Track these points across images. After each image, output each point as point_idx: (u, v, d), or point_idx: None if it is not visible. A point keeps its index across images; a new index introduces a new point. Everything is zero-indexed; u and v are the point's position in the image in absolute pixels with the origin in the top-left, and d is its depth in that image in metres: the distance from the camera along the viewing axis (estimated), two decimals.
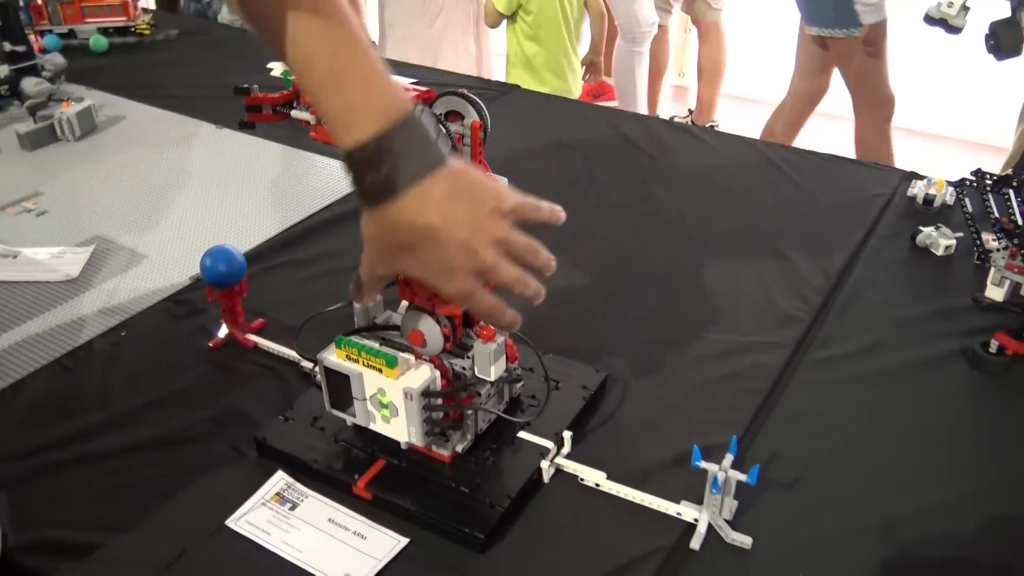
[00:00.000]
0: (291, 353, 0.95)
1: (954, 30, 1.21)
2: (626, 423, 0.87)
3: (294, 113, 0.79)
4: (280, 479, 0.80)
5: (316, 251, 1.19)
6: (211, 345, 0.98)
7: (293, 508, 0.77)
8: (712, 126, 3.42)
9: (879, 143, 2.31)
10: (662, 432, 0.85)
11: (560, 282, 1.08)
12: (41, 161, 1.48)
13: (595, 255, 1.17)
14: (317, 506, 0.77)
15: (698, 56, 3.29)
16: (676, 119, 3.58)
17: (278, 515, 0.76)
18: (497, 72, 2.74)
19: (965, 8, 1.18)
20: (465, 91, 0.71)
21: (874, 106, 2.28)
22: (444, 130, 0.69)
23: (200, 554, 0.73)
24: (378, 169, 0.59)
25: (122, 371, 0.96)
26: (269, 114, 0.79)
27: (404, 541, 0.73)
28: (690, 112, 3.53)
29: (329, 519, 0.76)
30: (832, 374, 0.93)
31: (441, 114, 0.70)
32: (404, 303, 0.76)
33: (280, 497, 0.78)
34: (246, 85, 0.80)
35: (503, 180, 0.71)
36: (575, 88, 2.68)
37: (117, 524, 0.76)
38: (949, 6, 1.18)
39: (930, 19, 1.22)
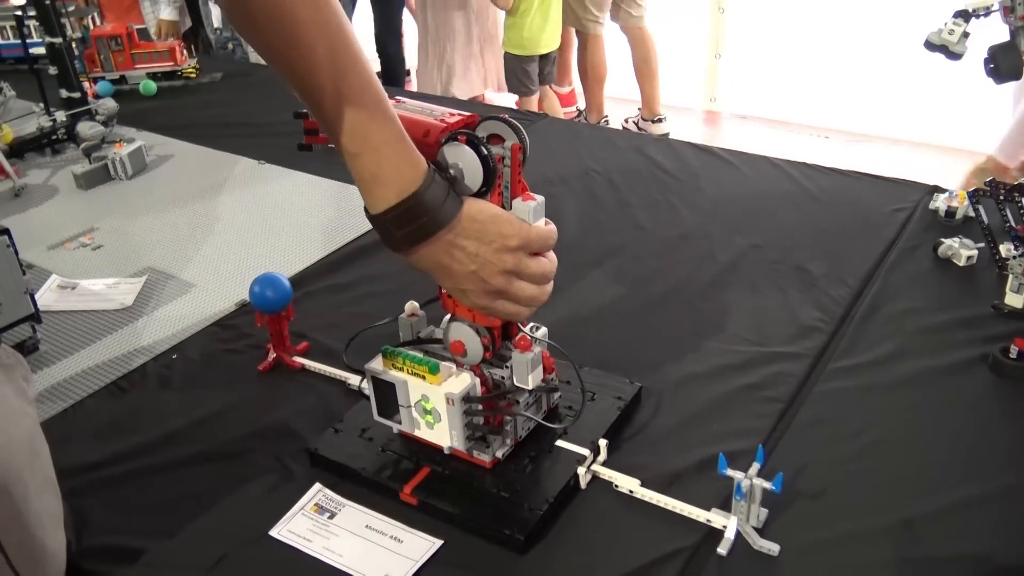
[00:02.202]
0: (336, 372, 1.00)
1: (955, 56, 1.21)
2: (655, 432, 0.90)
3: None
4: (318, 491, 0.84)
5: (355, 276, 1.24)
6: (260, 368, 1.03)
7: (332, 517, 0.81)
8: (660, 119, 3.63)
9: None
10: (689, 440, 0.88)
11: (592, 299, 1.13)
12: (96, 199, 1.57)
13: (624, 273, 1.21)
14: (354, 514, 0.81)
15: (632, 59, 3.56)
16: (629, 121, 3.75)
17: (318, 524, 0.80)
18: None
19: (965, 35, 1.19)
20: (506, 116, 0.75)
21: None
22: (457, 172, 0.73)
23: (246, 559, 0.77)
24: (401, 228, 0.70)
25: (174, 392, 1.02)
26: (327, 137, 0.78)
27: (438, 543, 0.77)
28: (639, 111, 3.69)
29: (366, 525, 0.80)
30: (854, 382, 0.95)
31: (484, 137, 0.74)
32: (446, 318, 0.81)
33: (319, 507, 0.82)
34: (304, 110, 0.81)
35: (539, 200, 0.75)
36: (552, 38, 3.31)
37: (168, 532, 0.81)
38: (950, 33, 1.19)
39: (930, 45, 1.22)
